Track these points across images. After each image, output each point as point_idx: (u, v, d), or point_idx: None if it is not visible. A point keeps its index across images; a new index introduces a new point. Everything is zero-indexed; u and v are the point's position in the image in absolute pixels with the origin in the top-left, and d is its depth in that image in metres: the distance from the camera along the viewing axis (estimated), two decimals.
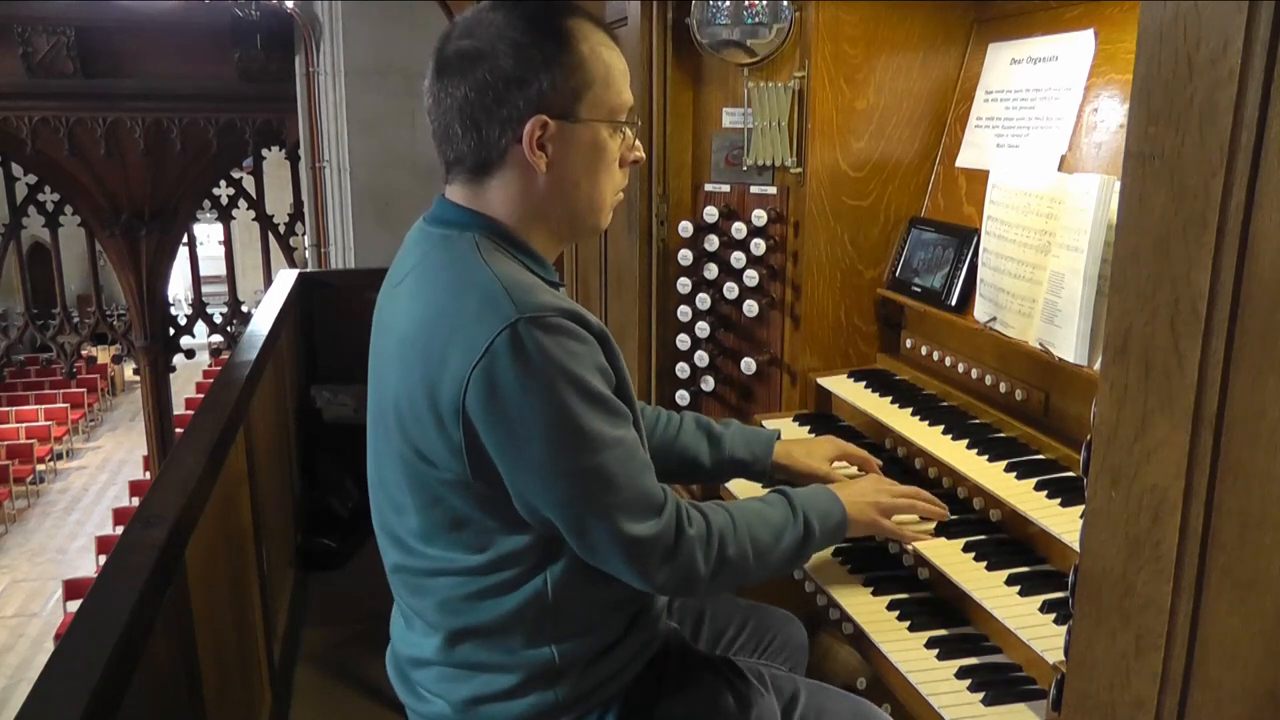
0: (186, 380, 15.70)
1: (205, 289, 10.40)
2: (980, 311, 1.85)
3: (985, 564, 1.52)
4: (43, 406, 15.86)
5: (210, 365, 15.39)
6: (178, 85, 8.47)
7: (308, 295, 4.89)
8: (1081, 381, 1.61)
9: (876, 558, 1.68)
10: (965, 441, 1.74)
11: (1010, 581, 1.46)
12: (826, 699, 1.52)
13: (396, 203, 6.58)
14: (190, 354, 10.28)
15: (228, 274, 10.38)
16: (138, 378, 11.30)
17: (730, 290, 2.28)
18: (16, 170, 9.60)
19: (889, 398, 1.99)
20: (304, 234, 8.41)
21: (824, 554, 1.67)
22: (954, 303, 1.93)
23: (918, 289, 2.04)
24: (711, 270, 2.32)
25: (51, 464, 15.32)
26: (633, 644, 1.38)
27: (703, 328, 2.37)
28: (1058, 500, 1.51)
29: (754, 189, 2.26)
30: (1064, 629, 1.03)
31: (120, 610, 1.42)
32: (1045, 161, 1.79)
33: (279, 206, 10.26)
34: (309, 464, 4.41)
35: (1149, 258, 0.80)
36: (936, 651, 1.45)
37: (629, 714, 1.37)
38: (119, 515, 12.05)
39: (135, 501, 12.24)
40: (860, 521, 1.54)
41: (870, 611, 1.55)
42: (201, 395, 11.50)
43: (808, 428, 2.09)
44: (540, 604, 1.29)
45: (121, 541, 1.69)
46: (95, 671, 1.27)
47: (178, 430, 8.67)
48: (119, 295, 11.45)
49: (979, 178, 1.94)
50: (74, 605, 9.65)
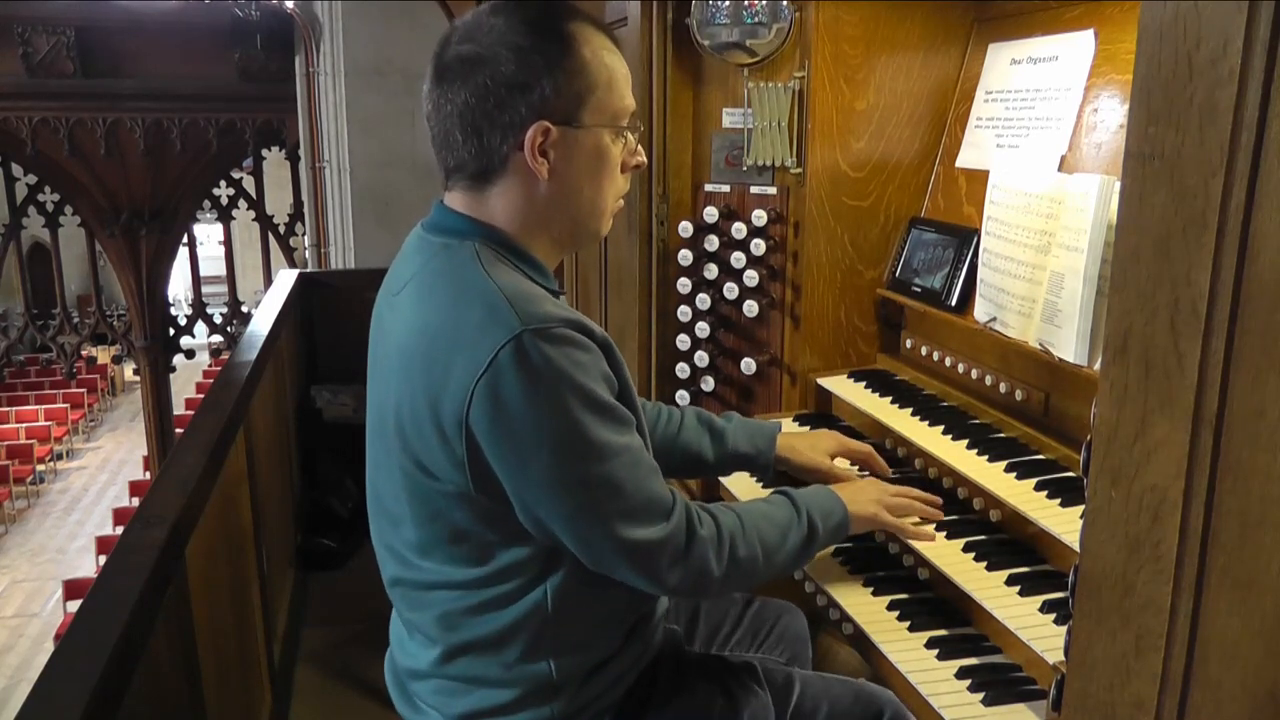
0: (186, 380, 15.70)
1: (205, 289, 10.40)
2: (980, 312, 1.85)
3: (985, 564, 1.52)
4: (43, 407, 15.87)
5: (210, 365, 15.39)
6: (178, 85, 8.47)
7: (308, 295, 4.89)
8: (1081, 381, 1.61)
9: (876, 558, 1.68)
10: (965, 442, 1.74)
11: (1010, 582, 1.46)
12: (826, 687, 1.52)
13: (396, 203, 6.59)
14: (190, 354, 10.28)
15: (228, 274, 10.37)
16: (138, 378, 11.32)
17: (730, 290, 2.28)
18: (16, 170, 9.60)
19: (889, 398, 1.99)
20: (304, 234, 8.41)
21: (824, 554, 1.67)
22: (954, 303, 1.93)
23: (918, 289, 2.04)
24: (711, 270, 2.32)
25: (51, 464, 15.33)
26: (628, 657, 1.38)
27: (703, 328, 2.37)
28: (1058, 500, 1.51)
29: (754, 189, 2.26)
30: (1064, 629, 1.03)
31: (120, 610, 1.42)
32: (1045, 162, 1.78)
33: (279, 206, 10.26)
34: (309, 464, 4.41)
35: (1149, 258, 0.80)
36: (936, 652, 1.45)
37: None
38: (119, 515, 12.06)
39: (135, 501, 12.25)
40: (861, 518, 1.54)
41: (870, 611, 1.56)
42: (201, 395, 11.54)
43: (808, 428, 2.09)
44: (540, 616, 1.28)
45: (121, 541, 1.69)
46: (95, 671, 1.26)
47: (178, 430, 8.66)
48: (119, 295, 11.47)
49: (979, 178, 1.93)
50: (74, 605, 9.65)
